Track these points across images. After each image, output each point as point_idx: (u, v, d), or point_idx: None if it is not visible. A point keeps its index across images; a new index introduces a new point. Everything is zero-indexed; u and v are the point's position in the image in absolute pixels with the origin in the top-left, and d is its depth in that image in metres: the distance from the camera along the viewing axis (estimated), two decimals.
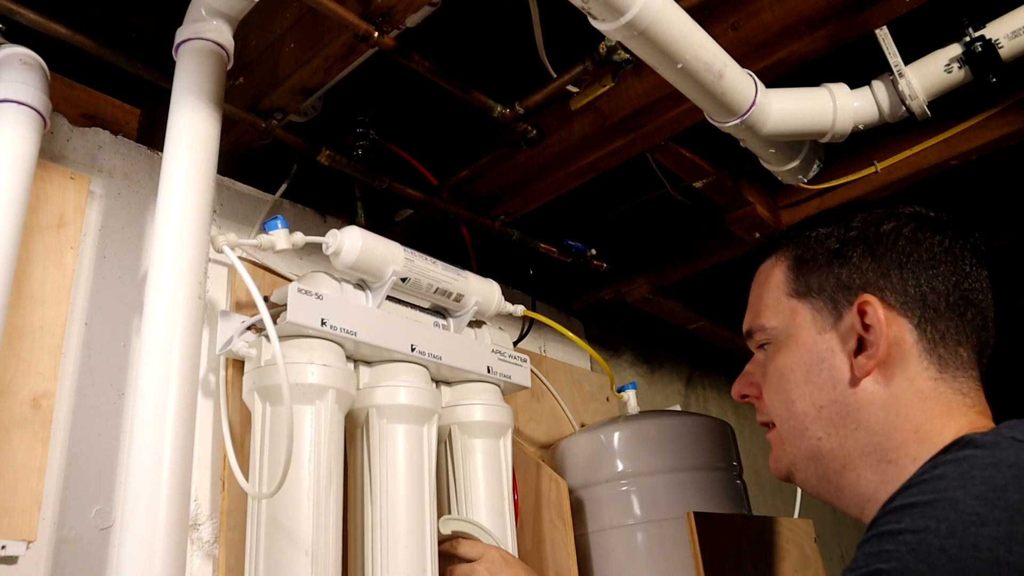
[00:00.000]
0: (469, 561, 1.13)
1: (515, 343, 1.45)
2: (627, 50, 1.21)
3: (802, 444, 0.69)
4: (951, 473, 0.54)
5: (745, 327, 0.77)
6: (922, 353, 0.66)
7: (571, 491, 1.41)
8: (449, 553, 1.15)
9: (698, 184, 1.54)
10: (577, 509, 1.40)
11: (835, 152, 1.51)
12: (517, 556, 1.26)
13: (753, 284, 0.78)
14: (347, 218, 1.52)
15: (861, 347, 0.67)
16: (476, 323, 1.34)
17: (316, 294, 1.07)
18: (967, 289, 0.69)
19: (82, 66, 1.19)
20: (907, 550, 0.49)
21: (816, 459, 0.68)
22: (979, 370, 0.69)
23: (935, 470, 0.55)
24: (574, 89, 1.36)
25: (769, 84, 1.19)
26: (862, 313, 0.67)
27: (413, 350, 1.17)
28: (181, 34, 1.01)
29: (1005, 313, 2.39)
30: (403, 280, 1.16)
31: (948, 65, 1.20)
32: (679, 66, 1.01)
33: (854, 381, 0.67)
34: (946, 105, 1.30)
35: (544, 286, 1.94)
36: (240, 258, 1.05)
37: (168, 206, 0.93)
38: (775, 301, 0.73)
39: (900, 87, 1.21)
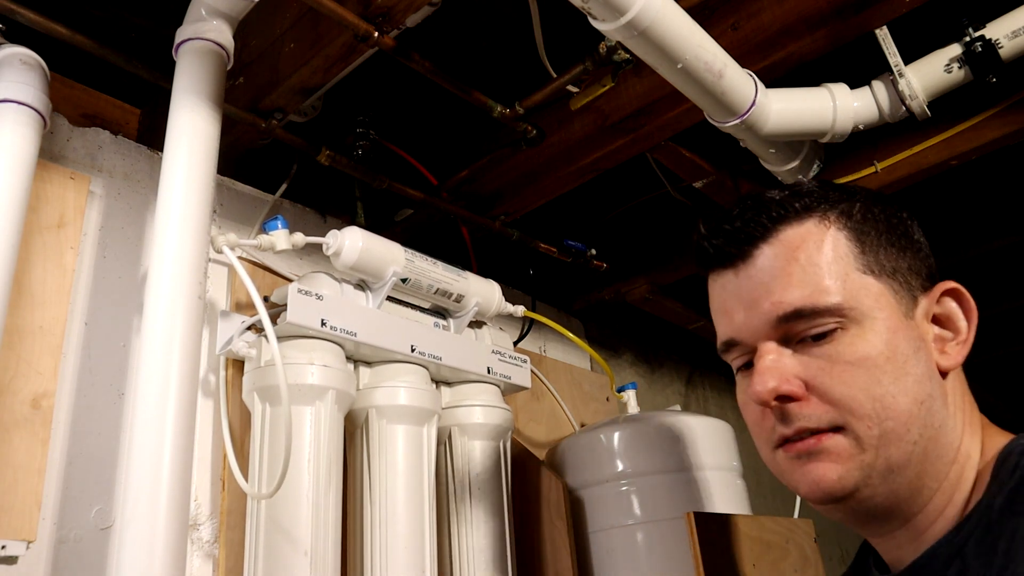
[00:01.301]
0: None
1: (515, 343, 1.44)
2: (627, 50, 1.21)
3: (896, 450, 0.58)
4: None
5: (788, 307, 0.60)
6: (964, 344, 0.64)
7: (571, 491, 1.41)
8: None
9: (698, 184, 1.54)
10: (577, 509, 1.40)
11: (835, 152, 1.51)
12: (516, 557, 1.26)
13: (781, 250, 0.62)
14: (347, 218, 1.52)
15: (938, 336, 0.62)
16: (476, 323, 1.34)
17: (316, 294, 1.07)
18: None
19: (82, 66, 1.19)
20: None
21: (900, 470, 0.58)
22: None
23: None
24: (574, 89, 1.36)
25: (769, 84, 1.19)
26: (941, 300, 0.63)
27: (413, 351, 1.17)
28: (181, 34, 1.01)
29: (1005, 313, 2.40)
30: (403, 281, 1.16)
31: (948, 65, 1.20)
32: (679, 66, 1.01)
33: (943, 372, 0.61)
34: (946, 105, 1.30)
35: (544, 286, 1.94)
36: (240, 258, 1.05)
37: (168, 206, 0.93)
38: (843, 275, 0.60)
39: (900, 87, 1.21)
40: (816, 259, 0.61)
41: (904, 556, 0.61)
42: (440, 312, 1.29)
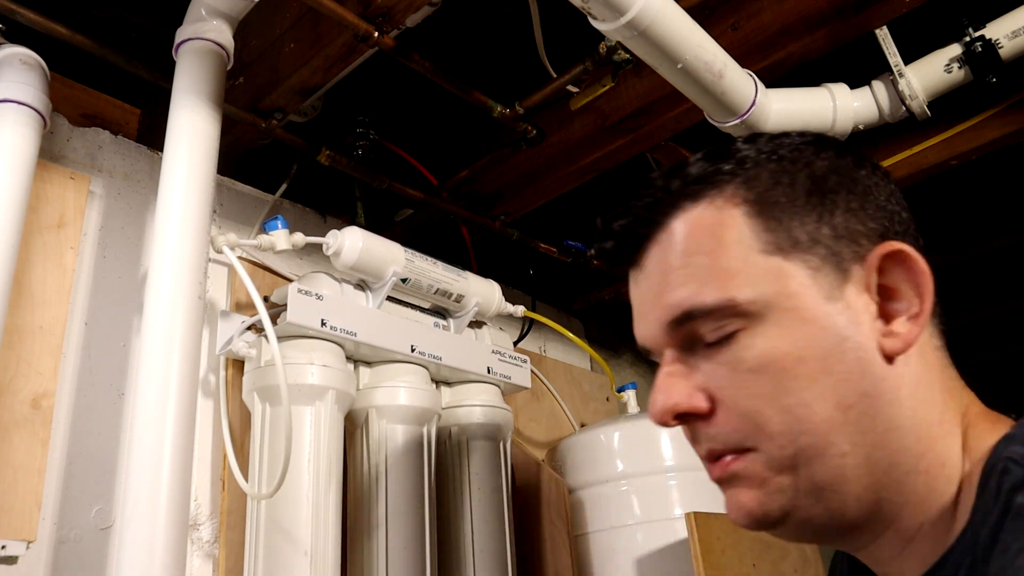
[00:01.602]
0: None
1: (515, 343, 1.44)
2: (627, 50, 1.21)
3: (819, 470, 0.47)
4: None
5: (673, 312, 0.50)
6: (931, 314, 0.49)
7: (571, 491, 1.41)
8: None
9: None
10: (577, 509, 1.40)
11: None
12: (516, 557, 1.26)
13: (667, 245, 0.52)
14: (347, 218, 1.52)
15: (880, 314, 0.48)
16: (476, 323, 1.34)
17: (316, 294, 1.07)
18: (909, 219, 0.52)
19: (82, 66, 1.19)
20: None
21: (833, 488, 0.47)
22: None
23: None
24: (574, 89, 1.36)
25: (769, 84, 1.19)
26: (880, 268, 0.49)
27: (413, 351, 1.17)
28: (181, 34, 1.01)
29: (1005, 313, 2.39)
30: (403, 281, 1.16)
31: (948, 65, 1.20)
32: (679, 66, 1.01)
33: (884, 363, 0.47)
34: (946, 105, 1.30)
35: (544, 286, 1.94)
36: (240, 258, 1.05)
37: (168, 206, 0.93)
38: (740, 262, 0.49)
39: (900, 87, 1.21)
40: (706, 249, 0.51)
41: (891, 573, 0.51)
42: (440, 312, 1.29)
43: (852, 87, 1.26)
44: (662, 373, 0.51)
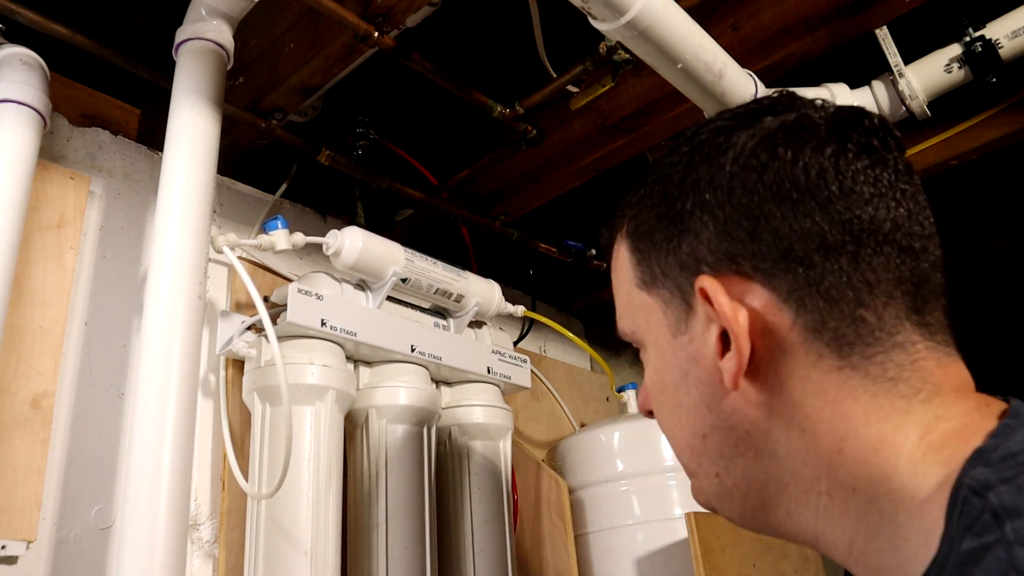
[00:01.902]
0: None
1: (515, 343, 1.44)
2: (627, 50, 1.21)
3: (704, 482, 0.50)
4: None
5: (619, 330, 0.57)
6: (807, 335, 0.44)
7: (571, 491, 1.41)
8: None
9: None
10: (577, 509, 1.40)
11: None
12: (516, 557, 1.26)
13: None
14: (347, 218, 1.52)
15: (727, 345, 0.45)
16: (476, 323, 1.34)
17: (316, 294, 1.07)
18: (855, 220, 0.44)
19: (82, 66, 1.19)
20: None
21: (727, 497, 0.49)
22: (927, 328, 0.44)
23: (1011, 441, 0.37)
24: (574, 89, 1.36)
25: (769, 84, 1.19)
26: (707, 300, 0.45)
27: (413, 351, 1.17)
28: (181, 34, 1.01)
29: (1005, 313, 2.39)
30: (403, 281, 1.16)
31: (948, 65, 1.20)
32: (679, 66, 1.01)
33: (725, 394, 0.46)
34: (946, 105, 1.30)
35: (544, 286, 1.94)
36: (240, 258, 1.05)
37: (168, 206, 0.93)
38: (627, 296, 0.54)
39: (900, 87, 1.21)
40: (615, 283, 0.57)
41: None
42: (440, 312, 1.29)
43: (852, 87, 1.26)
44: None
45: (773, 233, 0.44)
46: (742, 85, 1.11)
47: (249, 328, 1.11)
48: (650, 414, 0.55)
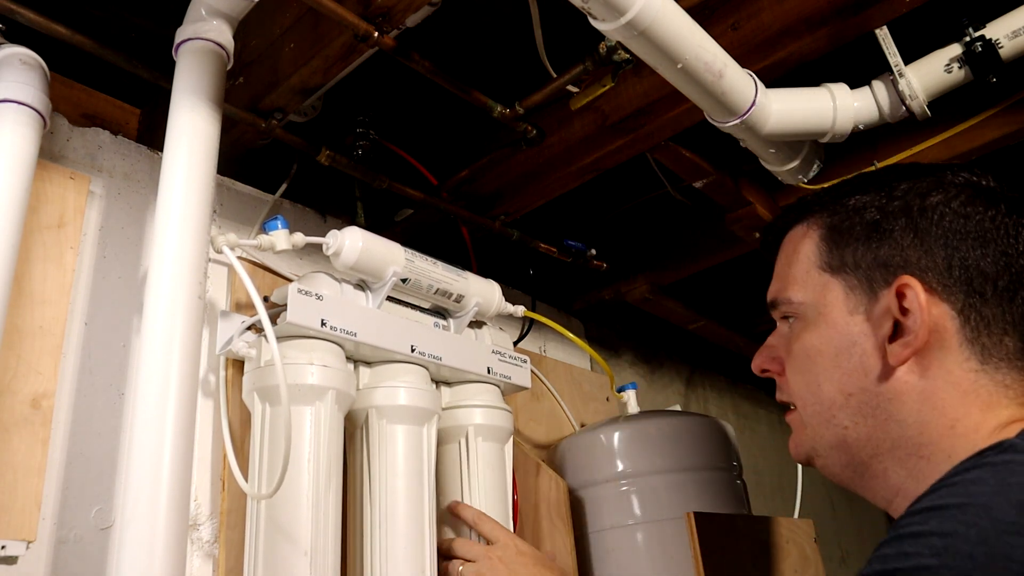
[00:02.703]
0: (487, 542, 1.13)
1: (515, 343, 1.44)
2: (627, 50, 1.21)
3: (826, 431, 0.65)
4: (987, 477, 0.50)
5: (770, 297, 0.72)
6: (964, 342, 0.60)
7: (571, 491, 1.41)
8: (464, 524, 1.15)
9: (698, 184, 1.54)
10: (577, 509, 1.40)
11: (835, 152, 1.51)
12: None
13: (780, 251, 0.73)
14: (347, 218, 1.52)
15: (897, 332, 0.61)
16: (476, 323, 1.34)
17: (316, 295, 1.07)
18: (1019, 271, 0.61)
19: (82, 66, 1.19)
20: (931, 553, 0.46)
21: (841, 448, 0.64)
22: None
23: (968, 473, 0.52)
24: (574, 89, 1.36)
25: (769, 84, 1.19)
26: (900, 296, 0.61)
27: (413, 351, 1.17)
28: (181, 34, 1.01)
29: None
30: (403, 281, 1.16)
31: (948, 65, 1.20)
32: (679, 66, 1.01)
33: (887, 370, 0.61)
34: (946, 105, 1.30)
35: (544, 286, 1.94)
36: (240, 258, 1.05)
37: (168, 206, 0.93)
38: (804, 273, 0.68)
39: (900, 87, 1.21)
40: (790, 259, 0.70)
41: None
42: (440, 312, 1.29)
43: (852, 87, 1.26)
44: (768, 338, 0.74)
45: (961, 263, 0.61)
46: (742, 85, 1.11)
47: (249, 328, 1.11)
48: (764, 372, 0.72)
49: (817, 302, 0.66)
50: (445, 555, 1.14)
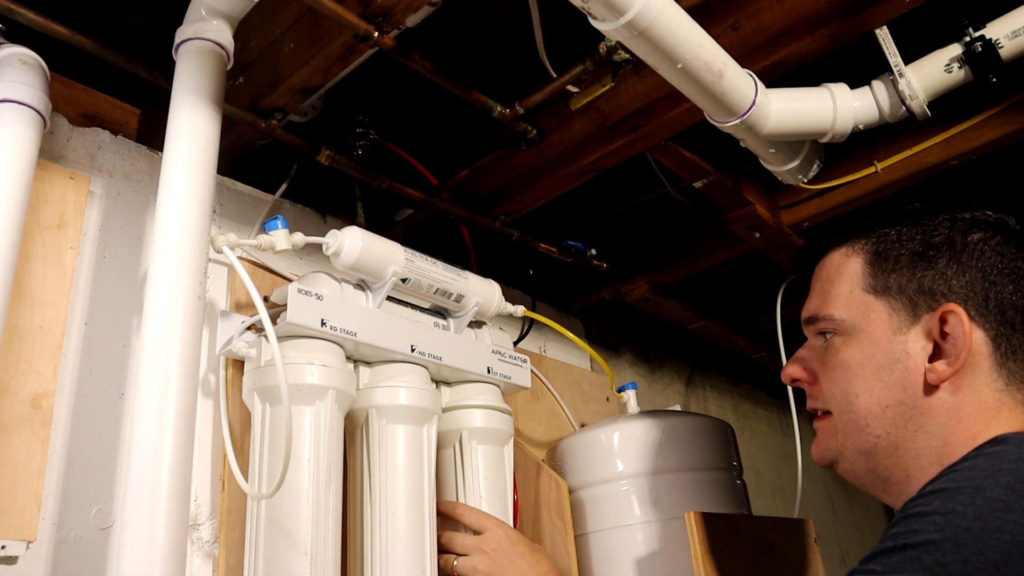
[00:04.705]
0: (475, 533, 1.14)
1: (515, 343, 1.44)
2: (627, 50, 1.21)
3: (858, 438, 0.71)
4: (981, 465, 0.59)
5: (808, 313, 0.78)
6: (993, 365, 0.68)
7: (571, 491, 1.41)
8: (451, 518, 1.16)
9: (698, 184, 1.54)
10: (577, 509, 1.40)
11: (835, 152, 1.51)
12: None
13: (820, 270, 0.80)
14: (347, 218, 1.52)
15: (935, 354, 0.69)
16: (476, 323, 1.34)
17: (316, 294, 1.07)
18: None
19: (82, 66, 1.19)
20: (935, 529, 0.54)
21: (869, 454, 0.71)
22: None
23: (966, 462, 0.61)
24: (574, 89, 1.36)
25: (769, 84, 1.19)
26: (943, 321, 0.69)
27: (413, 351, 1.17)
28: (181, 34, 1.01)
29: None
30: (403, 280, 1.16)
31: (948, 65, 1.20)
32: (679, 66, 1.01)
33: (927, 387, 0.68)
34: (946, 105, 1.30)
35: (544, 286, 1.94)
36: (240, 258, 1.05)
37: (168, 206, 0.93)
38: (848, 293, 0.74)
39: (900, 87, 1.21)
40: (832, 279, 0.77)
41: None
42: (440, 312, 1.29)
43: (852, 87, 1.26)
44: (798, 351, 0.80)
45: (996, 296, 0.69)
46: (742, 85, 1.11)
47: (249, 328, 1.11)
48: (794, 382, 0.80)
49: (859, 320, 0.73)
50: (441, 551, 1.14)
